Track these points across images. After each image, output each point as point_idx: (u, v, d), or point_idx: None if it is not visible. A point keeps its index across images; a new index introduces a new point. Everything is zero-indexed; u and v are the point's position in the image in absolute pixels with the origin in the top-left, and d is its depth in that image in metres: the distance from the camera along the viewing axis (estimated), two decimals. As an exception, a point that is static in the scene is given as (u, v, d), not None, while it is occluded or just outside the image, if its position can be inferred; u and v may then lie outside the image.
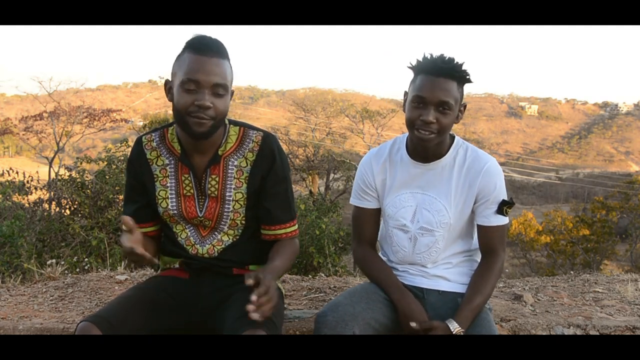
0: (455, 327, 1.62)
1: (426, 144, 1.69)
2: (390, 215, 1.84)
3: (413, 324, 1.64)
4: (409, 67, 1.71)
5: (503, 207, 1.75)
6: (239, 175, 1.67)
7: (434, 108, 1.64)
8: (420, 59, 1.68)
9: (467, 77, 1.68)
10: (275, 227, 1.70)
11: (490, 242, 1.78)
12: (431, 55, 1.67)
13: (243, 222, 1.70)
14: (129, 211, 1.72)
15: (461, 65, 1.66)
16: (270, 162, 1.67)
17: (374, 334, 1.65)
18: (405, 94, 1.76)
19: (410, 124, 1.69)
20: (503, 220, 1.77)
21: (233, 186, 1.67)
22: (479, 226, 1.79)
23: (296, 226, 1.74)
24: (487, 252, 1.79)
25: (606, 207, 22.64)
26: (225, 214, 1.68)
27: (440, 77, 1.64)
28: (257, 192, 1.69)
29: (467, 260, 1.86)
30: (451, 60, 1.65)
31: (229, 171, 1.67)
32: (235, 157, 1.67)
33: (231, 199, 1.67)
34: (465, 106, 1.75)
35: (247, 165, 1.67)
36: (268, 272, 1.48)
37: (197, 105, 1.50)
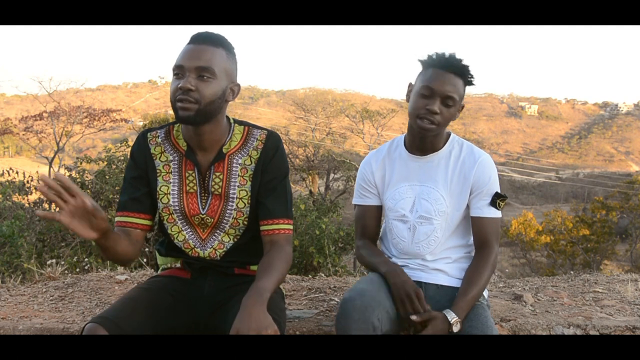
0: (453, 317, 1.66)
1: (426, 134, 1.77)
2: (390, 208, 1.90)
3: (414, 317, 1.67)
4: (419, 60, 1.81)
5: (496, 200, 1.82)
6: (244, 173, 1.67)
7: (440, 100, 1.74)
8: (432, 55, 1.78)
9: (472, 79, 1.79)
10: (269, 221, 1.66)
11: (483, 234, 1.82)
12: (443, 52, 1.77)
13: (245, 222, 1.69)
14: (126, 199, 1.67)
15: (469, 67, 1.77)
16: (270, 157, 1.67)
17: (390, 324, 1.69)
18: (410, 85, 1.85)
19: (415, 113, 1.77)
20: (496, 213, 1.83)
21: (237, 184, 1.67)
22: (472, 218, 1.85)
23: (291, 226, 1.69)
24: (481, 245, 1.83)
25: (606, 207, 22.66)
26: (228, 211, 1.67)
27: (450, 72, 1.74)
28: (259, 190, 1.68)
29: (466, 257, 1.88)
30: (462, 59, 1.76)
31: (234, 169, 1.67)
32: (240, 155, 1.68)
33: (235, 196, 1.66)
34: (463, 107, 1.84)
35: (251, 163, 1.68)
36: (253, 303, 1.42)
37: (179, 88, 1.52)
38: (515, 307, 2.37)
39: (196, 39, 1.57)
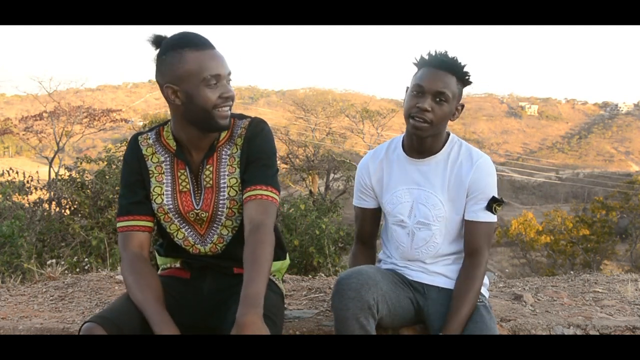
0: None
1: (420, 134, 1.74)
2: (389, 212, 1.89)
3: None
4: (414, 63, 1.79)
5: (492, 205, 1.77)
6: (232, 162, 1.68)
7: (431, 97, 1.71)
8: (425, 55, 1.76)
9: (467, 77, 1.75)
10: (246, 189, 1.62)
11: (475, 239, 1.78)
12: (435, 51, 1.75)
13: (241, 211, 1.68)
14: (126, 203, 1.68)
15: (463, 65, 1.73)
16: (253, 138, 1.67)
17: (387, 307, 1.69)
18: (407, 89, 1.81)
19: (407, 112, 1.76)
20: (491, 217, 1.79)
21: (226, 173, 1.68)
22: (466, 222, 1.81)
23: (272, 194, 1.62)
24: (472, 251, 1.79)
25: (606, 207, 22.63)
26: (221, 202, 1.67)
27: (440, 69, 1.72)
28: None
29: None
30: (454, 57, 1.73)
31: (223, 159, 1.68)
32: (228, 146, 1.69)
33: (225, 185, 1.67)
34: (463, 106, 1.80)
35: (237, 150, 1.69)
36: (245, 321, 1.37)
37: (224, 97, 1.56)
38: (515, 307, 2.37)
39: (204, 44, 1.56)
